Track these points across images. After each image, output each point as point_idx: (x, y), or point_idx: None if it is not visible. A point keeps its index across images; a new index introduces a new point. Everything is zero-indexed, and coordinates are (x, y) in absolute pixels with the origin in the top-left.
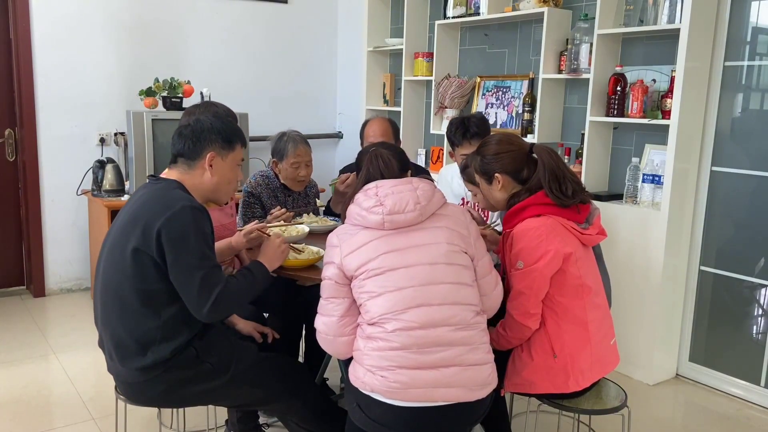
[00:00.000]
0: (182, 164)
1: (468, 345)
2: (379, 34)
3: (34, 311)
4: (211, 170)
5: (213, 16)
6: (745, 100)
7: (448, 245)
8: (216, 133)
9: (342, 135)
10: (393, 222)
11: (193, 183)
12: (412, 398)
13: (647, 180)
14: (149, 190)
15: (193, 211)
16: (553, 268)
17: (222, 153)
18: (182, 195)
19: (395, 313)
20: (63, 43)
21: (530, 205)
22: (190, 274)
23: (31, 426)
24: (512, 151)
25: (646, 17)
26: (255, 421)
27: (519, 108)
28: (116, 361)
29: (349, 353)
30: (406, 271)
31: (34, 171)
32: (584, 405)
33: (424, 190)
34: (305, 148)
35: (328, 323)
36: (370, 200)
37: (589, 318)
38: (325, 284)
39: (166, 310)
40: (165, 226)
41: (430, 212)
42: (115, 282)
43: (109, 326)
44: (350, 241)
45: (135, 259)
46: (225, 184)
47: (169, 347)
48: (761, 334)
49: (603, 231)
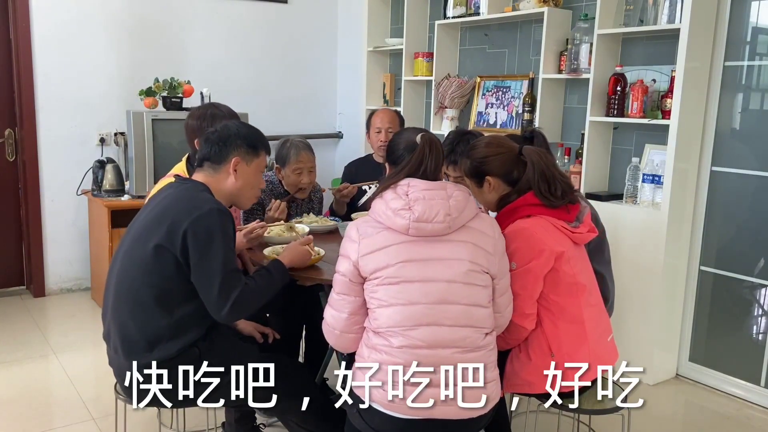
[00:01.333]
0: (208, 168)
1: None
2: (379, 34)
3: (34, 311)
4: (236, 175)
5: (213, 16)
6: (745, 100)
7: (470, 263)
8: (242, 139)
9: (342, 135)
10: (419, 230)
11: (218, 186)
12: (411, 413)
13: (647, 180)
14: (177, 190)
15: (220, 213)
16: (546, 268)
17: (247, 158)
18: (209, 197)
19: (403, 328)
20: (63, 43)
21: (520, 207)
22: (212, 276)
23: (31, 426)
24: (502, 154)
25: (646, 17)
26: (252, 422)
27: (519, 108)
28: (121, 355)
29: (353, 349)
30: (421, 286)
31: (34, 171)
32: (584, 405)
33: (457, 200)
34: (308, 155)
35: (336, 318)
36: (398, 201)
37: (585, 316)
38: (337, 279)
39: (179, 309)
40: (192, 226)
41: (459, 225)
42: (132, 276)
43: (118, 320)
44: (370, 240)
45: (157, 256)
46: (248, 189)
47: (176, 346)
48: (761, 334)
49: (593, 229)
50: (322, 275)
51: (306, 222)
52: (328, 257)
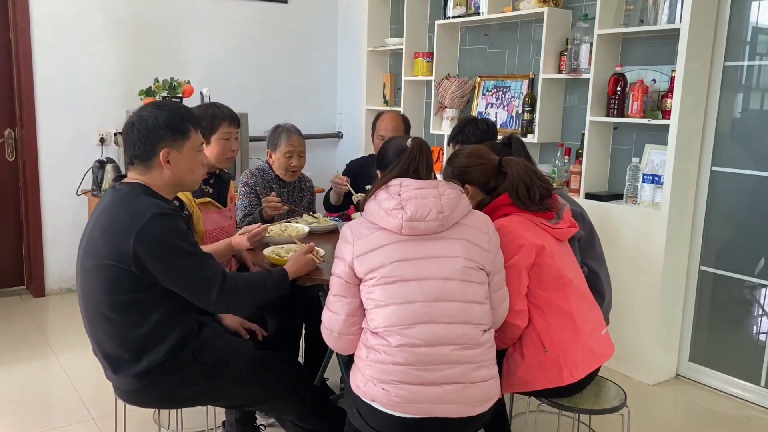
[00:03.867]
0: (139, 165)
1: (474, 363)
2: (379, 34)
3: (34, 311)
4: (169, 166)
5: (213, 16)
6: (745, 100)
7: (465, 260)
8: (164, 128)
9: (342, 135)
10: (412, 228)
11: (155, 183)
12: (412, 411)
13: (647, 180)
14: (113, 199)
15: (162, 216)
16: (528, 261)
17: (176, 145)
18: (147, 202)
19: (401, 327)
20: (63, 43)
21: (498, 207)
22: (183, 272)
23: (31, 426)
24: (482, 165)
25: (646, 17)
26: (253, 422)
27: (519, 108)
28: (111, 372)
29: (351, 350)
30: (417, 284)
31: (34, 171)
32: (584, 405)
33: (449, 198)
34: (298, 139)
35: (333, 320)
36: (391, 200)
37: (573, 309)
38: (334, 281)
39: (153, 313)
40: (138, 243)
41: (453, 222)
42: (93, 295)
43: (96, 338)
44: (364, 241)
45: (110, 275)
46: (189, 174)
47: (162, 350)
48: (761, 334)
49: (574, 224)
50: (321, 275)
51: (306, 222)
52: (328, 257)
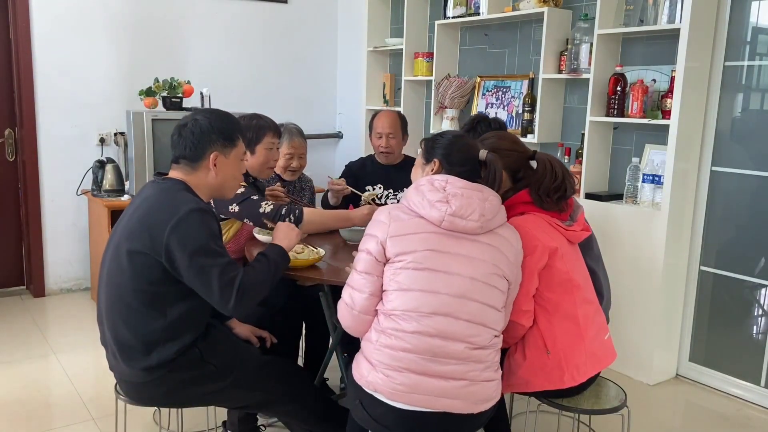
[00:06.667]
0: (185, 165)
1: (482, 363)
2: (379, 34)
3: (34, 311)
4: (216, 170)
5: (213, 15)
6: (745, 100)
7: (492, 266)
8: (216, 133)
9: (342, 135)
10: (452, 224)
11: (198, 183)
12: (413, 402)
13: (647, 180)
14: (155, 191)
15: (200, 212)
16: (540, 263)
17: (225, 151)
18: (187, 197)
19: (420, 314)
20: (63, 42)
21: (514, 204)
22: (207, 274)
23: (31, 426)
24: (517, 151)
25: (646, 17)
26: (254, 422)
27: (519, 108)
28: (120, 361)
29: (364, 333)
30: (445, 277)
31: (34, 171)
32: (584, 405)
33: (492, 204)
34: (300, 141)
35: (356, 297)
36: (436, 193)
37: (579, 313)
38: (362, 257)
39: (171, 310)
40: (173, 234)
41: (489, 228)
42: (119, 282)
43: (112, 326)
44: (400, 224)
45: (141, 262)
46: (230, 181)
47: (173, 347)
48: (761, 334)
49: (587, 227)
50: (322, 275)
51: None
52: (328, 257)
